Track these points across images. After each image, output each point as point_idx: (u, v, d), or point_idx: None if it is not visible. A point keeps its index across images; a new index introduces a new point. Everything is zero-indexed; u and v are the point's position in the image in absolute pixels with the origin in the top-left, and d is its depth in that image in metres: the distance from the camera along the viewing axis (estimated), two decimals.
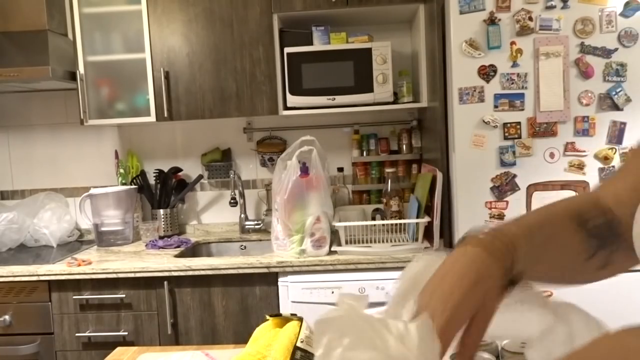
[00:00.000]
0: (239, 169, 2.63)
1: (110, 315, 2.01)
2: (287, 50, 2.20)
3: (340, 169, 2.53)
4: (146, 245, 2.33)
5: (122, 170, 2.55)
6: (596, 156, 1.79)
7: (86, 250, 2.35)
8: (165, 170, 2.57)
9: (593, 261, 0.60)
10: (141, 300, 2.00)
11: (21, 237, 2.46)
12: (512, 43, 1.79)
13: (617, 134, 1.79)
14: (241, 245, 2.47)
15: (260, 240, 2.44)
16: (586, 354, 0.39)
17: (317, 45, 2.24)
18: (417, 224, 1.99)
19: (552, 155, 1.81)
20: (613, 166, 1.80)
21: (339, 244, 2.02)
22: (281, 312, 1.93)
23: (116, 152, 2.64)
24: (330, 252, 2.00)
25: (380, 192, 2.37)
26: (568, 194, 1.81)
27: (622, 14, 1.75)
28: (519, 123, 1.81)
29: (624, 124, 1.79)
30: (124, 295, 1.99)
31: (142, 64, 2.24)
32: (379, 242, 2.04)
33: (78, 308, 2.01)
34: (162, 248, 2.28)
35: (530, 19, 1.78)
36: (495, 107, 1.81)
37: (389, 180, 2.19)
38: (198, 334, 2.01)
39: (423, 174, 2.18)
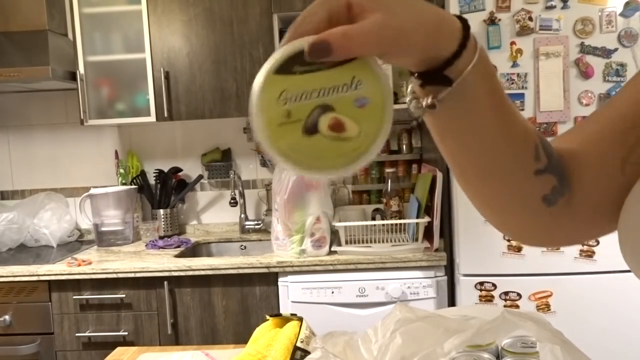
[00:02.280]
0: (239, 169, 2.63)
1: (110, 315, 2.01)
2: None
3: None
4: (146, 245, 2.34)
5: (122, 170, 2.55)
6: None
7: (86, 250, 2.35)
8: (165, 170, 2.57)
9: (539, 182, 0.50)
10: (141, 300, 2.00)
11: (21, 237, 2.47)
12: (512, 43, 1.79)
13: None
14: (241, 245, 2.47)
15: (260, 240, 2.44)
16: None
17: None
18: (417, 224, 1.99)
19: None
20: None
21: (339, 244, 2.02)
22: (281, 312, 1.93)
23: (116, 152, 2.64)
24: (330, 252, 2.00)
25: (380, 192, 2.37)
26: None
27: (622, 14, 1.75)
28: None
29: None
30: (124, 295, 1.99)
31: (142, 64, 2.24)
32: (379, 242, 2.04)
33: (78, 308, 2.02)
34: (162, 248, 2.28)
35: (530, 19, 1.77)
36: None
37: (389, 180, 2.19)
38: (198, 334, 2.01)
39: (423, 174, 2.18)
